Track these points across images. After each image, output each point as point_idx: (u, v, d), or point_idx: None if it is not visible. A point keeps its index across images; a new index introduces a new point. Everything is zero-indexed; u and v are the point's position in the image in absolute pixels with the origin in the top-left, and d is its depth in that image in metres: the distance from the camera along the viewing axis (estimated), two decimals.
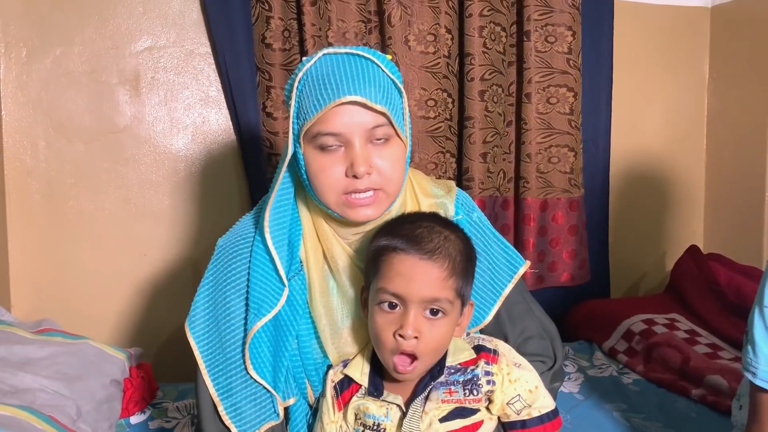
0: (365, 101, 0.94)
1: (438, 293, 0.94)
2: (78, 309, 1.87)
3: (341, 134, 0.96)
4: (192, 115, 1.92)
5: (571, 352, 1.91)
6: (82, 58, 1.84)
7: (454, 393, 0.98)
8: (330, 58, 0.98)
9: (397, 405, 0.99)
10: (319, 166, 0.98)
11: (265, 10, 1.81)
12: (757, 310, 1.01)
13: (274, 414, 1.02)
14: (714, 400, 1.54)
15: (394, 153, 1.00)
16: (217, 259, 1.07)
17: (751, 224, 2.23)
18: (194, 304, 1.06)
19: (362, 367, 1.03)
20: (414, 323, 0.93)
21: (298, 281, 1.05)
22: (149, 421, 1.51)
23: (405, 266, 0.94)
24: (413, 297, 0.93)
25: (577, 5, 2.03)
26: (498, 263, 1.16)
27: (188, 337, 1.04)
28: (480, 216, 1.18)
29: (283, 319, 1.04)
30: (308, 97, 0.96)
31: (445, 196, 1.14)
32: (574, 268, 2.14)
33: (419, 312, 0.94)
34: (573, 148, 2.09)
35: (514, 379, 0.99)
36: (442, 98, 1.97)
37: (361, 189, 0.97)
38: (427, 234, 0.96)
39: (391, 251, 0.95)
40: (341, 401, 1.03)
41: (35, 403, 1.28)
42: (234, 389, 1.01)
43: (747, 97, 2.24)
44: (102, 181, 1.88)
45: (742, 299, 1.89)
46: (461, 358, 1.01)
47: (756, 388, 1.01)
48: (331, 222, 1.06)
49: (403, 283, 0.93)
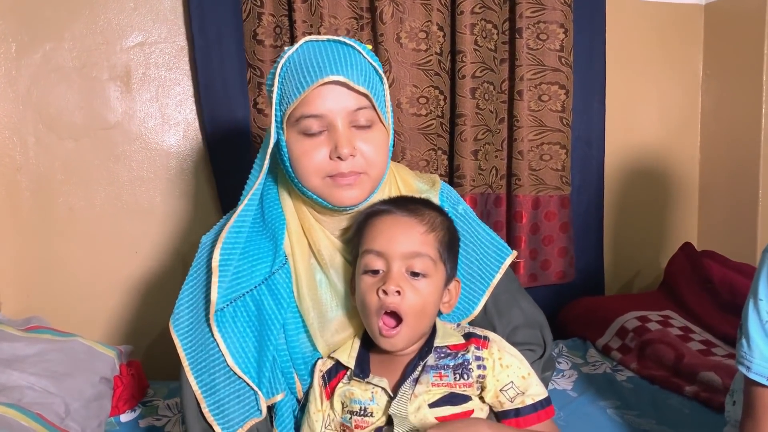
0: (347, 81, 0.95)
1: (418, 248, 0.96)
2: (68, 306, 1.86)
3: (324, 116, 0.97)
4: (183, 112, 1.91)
5: (565, 349, 1.91)
6: (72, 53, 1.82)
7: (444, 377, 0.98)
8: (312, 44, 0.99)
9: (382, 388, 0.98)
10: (302, 151, 0.99)
11: (257, 7, 1.80)
12: (752, 303, 1.00)
13: (257, 411, 1.00)
14: (707, 396, 1.54)
15: (378, 138, 1.01)
16: (200, 256, 1.07)
17: (744, 222, 2.23)
18: (178, 301, 1.06)
19: (350, 350, 1.03)
20: (396, 279, 0.95)
21: (282, 274, 1.05)
22: (139, 419, 1.49)
23: (387, 224, 0.97)
24: (395, 253, 0.95)
25: (569, 2, 2.02)
26: (485, 254, 1.16)
27: (172, 335, 1.04)
28: (466, 208, 1.18)
29: (267, 312, 1.03)
30: (291, 81, 0.97)
31: (429, 190, 1.14)
32: (565, 265, 2.14)
33: (401, 270, 0.96)
34: (564, 145, 2.09)
35: (506, 365, 0.99)
36: (433, 95, 1.96)
37: (345, 172, 0.98)
38: (410, 200, 1.02)
39: (376, 215, 0.99)
40: (329, 390, 1.02)
41: (22, 400, 1.27)
42: (217, 386, 1.00)
43: (741, 95, 2.24)
44: (92, 178, 1.86)
45: (735, 296, 1.88)
46: (450, 342, 1.01)
47: (750, 382, 1.00)
48: (315, 213, 1.06)
49: (384, 240, 0.96)
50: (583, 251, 2.27)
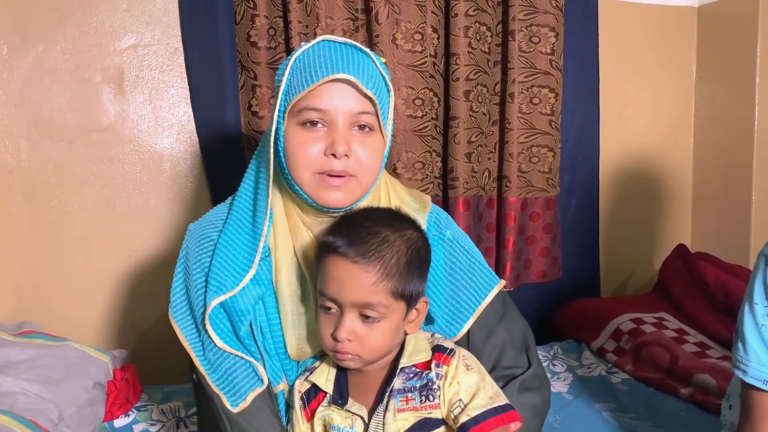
0: (356, 81, 0.97)
1: (369, 298, 0.93)
2: (61, 311, 1.84)
3: (327, 112, 0.98)
4: (177, 114, 1.90)
5: (560, 352, 1.91)
6: (64, 55, 1.81)
7: (411, 400, 0.96)
8: (328, 43, 1.01)
9: (360, 417, 0.97)
10: (299, 141, 1.00)
11: (250, 9, 1.79)
12: (747, 306, 1.00)
13: (258, 380, 1.01)
14: (702, 399, 1.54)
15: (375, 145, 1.02)
16: (187, 242, 1.10)
17: (738, 223, 2.24)
18: (172, 290, 1.08)
19: (327, 374, 1.02)
20: (348, 326, 0.94)
21: (263, 266, 1.06)
22: (134, 424, 1.49)
23: (338, 270, 0.94)
24: (345, 301, 0.94)
25: (560, 6, 2.02)
26: (471, 283, 1.14)
27: (171, 321, 1.06)
28: (455, 233, 1.17)
29: (240, 310, 1.04)
30: (301, 73, 0.98)
31: (419, 210, 1.14)
32: (546, 265, 2.15)
33: (354, 315, 0.94)
34: (552, 148, 2.09)
35: (458, 382, 0.96)
36: (428, 97, 1.96)
37: (336, 171, 0.98)
38: (364, 235, 0.95)
39: (330, 252, 0.96)
40: (309, 411, 1.02)
41: (15, 407, 1.25)
42: (214, 364, 1.01)
43: (734, 97, 2.25)
44: (85, 181, 1.85)
45: (729, 298, 1.89)
46: (418, 359, 0.99)
47: (747, 386, 1.00)
48: (301, 213, 1.06)
49: (336, 287, 0.94)
50: (578, 253, 2.27)
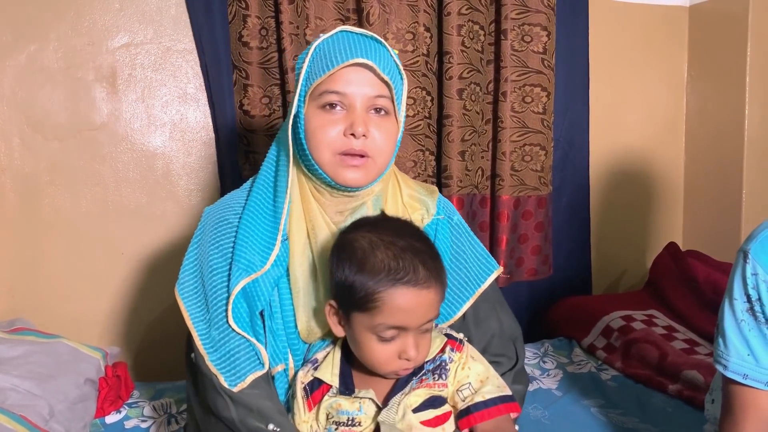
0: (374, 66, 1.03)
1: (435, 312, 1.00)
2: (53, 308, 1.85)
3: (346, 95, 1.04)
4: (170, 113, 1.91)
5: (551, 349, 1.92)
6: (57, 54, 1.81)
7: (425, 379, 1.02)
8: (346, 33, 1.07)
9: (369, 399, 1.01)
10: (319, 123, 1.05)
11: (242, 9, 1.80)
12: (727, 302, 1.02)
13: (260, 364, 1.04)
14: (690, 395, 1.55)
15: (390, 127, 1.08)
16: (203, 225, 1.14)
17: (728, 221, 2.25)
18: (182, 268, 1.11)
19: (332, 368, 1.06)
20: (417, 343, 0.98)
21: (281, 248, 1.09)
22: (125, 421, 1.49)
23: (406, 300, 0.97)
24: (415, 326, 0.98)
25: (552, 5, 2.03)
26: (472, 266, 1.21)
27: (177, 298, 1.08)
28: (460, 219, 1.25)
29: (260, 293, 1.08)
30: (322, 59, 1.04)
31: (427, 195, 1.21)
32: (537, 263, 2.16)
33: (418, 332, 0.99)
34: (544, 146, 2.10)
35: (468, 367, 1.04)
36: (421, 96, 1.97)
37: (356, 149, 1.04)
38: (412, 257, 0.98)
39: (392, 284, 0.96)
40: (311, 402, 1.05)
41: (6, 402, 1.26)
42: (218, 343, 1.05)
43: (725, 96, 2.26)
44: (78, 179, 1.85)
45: (719, 295, 1.86)
46: (433, 352, 1.05)
47: (728, 380, 1.01)
48: (317, 194, 1.10)
49: (404, 316, 0.97)
50: (570, 251, 2.28)
